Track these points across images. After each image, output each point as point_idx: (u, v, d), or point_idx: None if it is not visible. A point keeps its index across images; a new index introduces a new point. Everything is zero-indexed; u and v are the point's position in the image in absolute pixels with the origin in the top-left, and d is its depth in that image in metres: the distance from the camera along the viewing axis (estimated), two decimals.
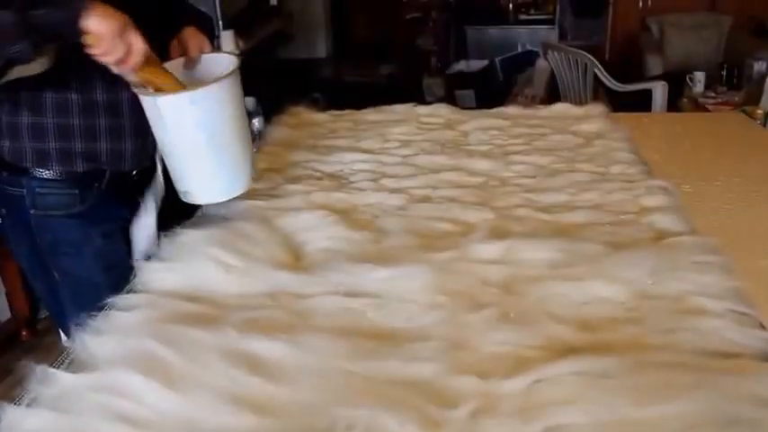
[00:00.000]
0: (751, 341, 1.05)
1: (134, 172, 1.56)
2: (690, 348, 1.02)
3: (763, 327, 1.09)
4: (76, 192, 1.49)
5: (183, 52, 1.51)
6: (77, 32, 1.20)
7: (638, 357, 0.99)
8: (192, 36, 1.51)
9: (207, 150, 1.41)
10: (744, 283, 1.22)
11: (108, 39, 1.22)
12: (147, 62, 1.30)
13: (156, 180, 1.59)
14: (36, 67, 1.31)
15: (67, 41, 1.24)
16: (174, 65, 1.48)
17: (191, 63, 1.52)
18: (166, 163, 1.48)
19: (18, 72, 1.31)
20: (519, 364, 0.99)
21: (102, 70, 1.31)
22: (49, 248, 1.53)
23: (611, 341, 1.06)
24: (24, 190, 1.47)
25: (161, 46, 1.46)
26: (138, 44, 1.26)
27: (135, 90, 1.38)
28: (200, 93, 1.35)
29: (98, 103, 1.45)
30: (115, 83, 1.40)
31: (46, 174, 1.46)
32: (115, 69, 1.29)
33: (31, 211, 1.49)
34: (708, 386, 0.91)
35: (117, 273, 1.49)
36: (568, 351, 1.03)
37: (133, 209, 1.57)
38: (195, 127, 1.37)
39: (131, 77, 1.33)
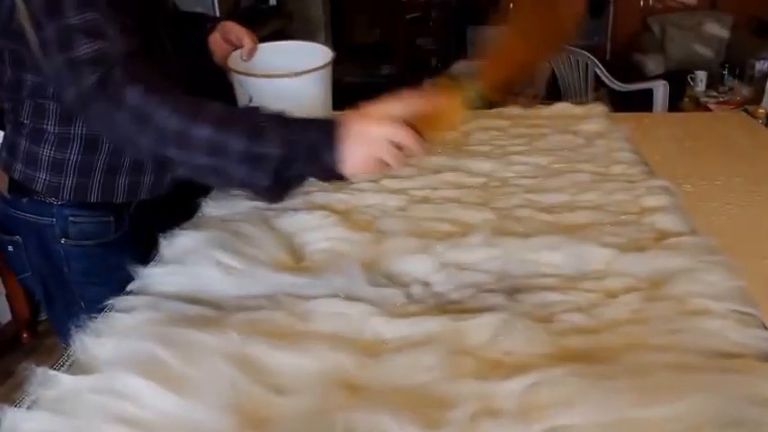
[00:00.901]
0: (754, 341, 1.04)
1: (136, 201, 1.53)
2: (692, 349, 1.02)
3: (765, 327, 1.09)
4: (112, 219, 1.46)
5: (232, 45, 1.51)
6: (339, 176, 1.12)
7: (640, 358, 0.99)
8: (237, 27, 1.51)
9: None
10: (746, 283, 1.21)
11: (371, 162, 1.10)
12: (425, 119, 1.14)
13: None
14: None
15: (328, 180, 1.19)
16: (235, 57, 1.49)
17: (250, 53, 1.51)
18: None
19: None
20: (519, 366, 0.99)
21: None
22: (79, 278, 1.48)
23: (612, 342, 1.05)
24: (54, 219, 1.43)
25: (194, 46, 1.45)
26: (404, 135, 1.10)
27: (232, 69, 1.41)
28: (327, 69, 1.48)
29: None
30: None
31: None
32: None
33: (62, 241, 1.44)
34: (711, 387, 0.90)
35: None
36: (569, 352, 1.03)
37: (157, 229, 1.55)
38: (322, 101, 1.52)
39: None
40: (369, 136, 1.08)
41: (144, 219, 1.51)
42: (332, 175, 1.11)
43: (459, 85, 1.14)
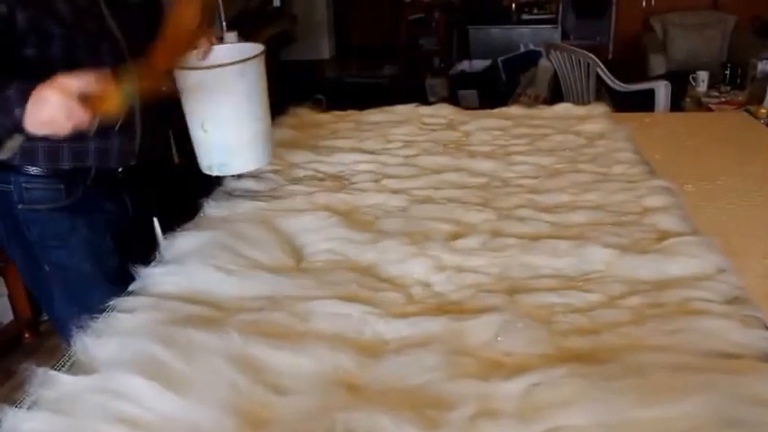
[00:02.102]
0: (754, 341, 1.04)
1: (119, 169, 1.59)
2: (693, 349, 1.02)
3: (766, 327, 1.09)
4: (62, 187, 1.52)
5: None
6: (27, 135, 1.28)
7: (641, 358, 0.99)
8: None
9: (251, 119, 1.56)
10: (747, 284, 1.21)
11: (56, 123, 1.25)
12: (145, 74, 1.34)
13: None
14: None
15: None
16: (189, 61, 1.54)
17: (204, 55, 1.57)
18: (200, 140, 1.57)
19: None
20: (519, 367, 0.99)
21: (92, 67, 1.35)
22: (38, 241, 1.55)
23: (612, 342, 1.05)
24: (12, 186, 1.51)
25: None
26: (78, 113, 1.24)
27: (181, 68, 1.47)
28: (248, 65, 1.50)
29: None
30: None
31: (33, 170, 1.50)
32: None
33: (19, 206, 1.52)
34: (711, 387, 0.90)
35: (106, 264, 1.59)
36: (569, 352, 1.03)
37: (120, 205, 1.62)
38: (245, 97, 1.53)
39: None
40: (48, 100, 1.23)
41: (100, 191, 1.57)
42: (19, 128, 1.26)
43: (122, 78, 1.29)
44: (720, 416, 0.86)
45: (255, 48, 1.58)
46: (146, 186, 1.68)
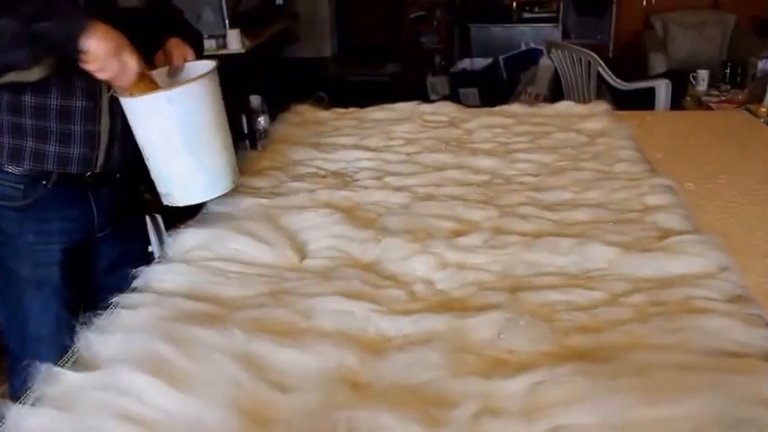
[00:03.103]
0: (757, 341, 1.04)
1: (87, 174, 1.56)
2: (696, 348, 1.01)
3: None
4: (21, 187, 1.51)
5: (168, 62, 1.54)
6: (77, 50, 1.27)
7: (643, 357, 0.99)
8: (175, 46, 1.54)
9: (186, 150, 1.43)
10: (749, 282, 1.21)
11: (103, 58, 1.29)
12: (140, 78, 1.36)
13: None
14: (34, 73, 1.37)
15: (66, 57, 1.30)
16: (158, 74, 1.50)
17: (175, 71, 1.54)
18: (148, 165, 1.49)
19: (15, 76, 1.36)
20: (522, 365, 0.99)
21: (58, 76, 1.39)
22: None
23: (615, 341, 1.05)
24: None
25: (147, 57, 1.48)
26: (132, 65, 1.33)
27: (115, 93, 1.43)
28: (177, 92, 1.38)
29: (50, 108, 1.46)
30: (70, 90, 1.46)
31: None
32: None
33: None
34: (714, 386, 0.90)
35: (44, 274, 1.56)
36: (572, 351, 1.03)
37: (85, 212, 1.59)
38: (175, 126, 1.40)
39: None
40: (114, 39, 1.30)
41: (63, 196, 1.55)
42: (75, 38, 1.27)
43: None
44: (724, 415, 0.85)
45: (206, 66, 1.49)
46: (123, 199, 1.67)
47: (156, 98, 1.37)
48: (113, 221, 1.66)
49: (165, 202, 1.50)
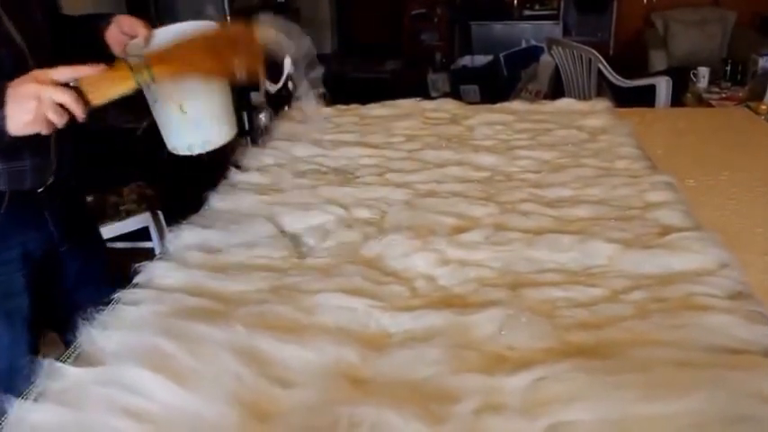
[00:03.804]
0: (758, 337, 1.04)
1: (40, 189, 1.47)
2: (696, 344, 1.02)
3: None
4: None
5: (129, 36, 1.46)
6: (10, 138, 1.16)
7: (644, 354, 0.99)
8: (131, 19, 1.46)
9: (219, 90, 1.44)
10: (750, 278, 1.21)
11: (36, 120, 1.14)
12: (89, 81, 1.20)
13: None
14: None
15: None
16: (133, 46, 1.44)
17: (147, 41, 1.45)
18: (176, 122, 1.43)
19: None
20: (523, 361, 0.99)
21: None
22: None
23: (616, 337, 1.05)
24: None
25: (89, 44, 1.45)
26: (53, 93, 1.14)
27: (125, 53, 1.37)
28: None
29: None
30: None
31: None
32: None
33: None
34: (715, 383, 0.90)
35: (10, 305, 1.46)
36: (573, 347, 1.03)
37: (43, 232, 1.51)
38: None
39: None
40: (29, 95, 1.12)
41: (18, 219, 1.44)
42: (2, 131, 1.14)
43: (130, 63, 1.22)
44: (724, 412, 0.86)
45: (200, 26, 1.44)
46: (77, 209, 1.62)
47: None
48: (71, 235, 1.58)
49: (199, 151, 1.46)
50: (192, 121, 1.43)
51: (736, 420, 0.85)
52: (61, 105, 1.13)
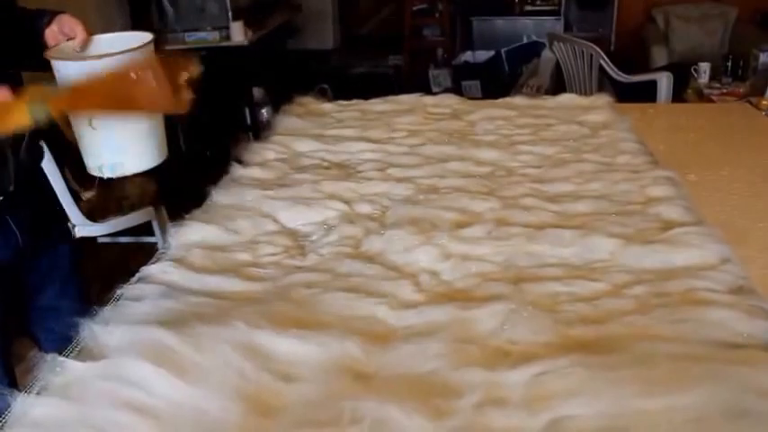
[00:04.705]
0: (759, 332, 1.04)
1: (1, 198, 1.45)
2: (697, 339, 1.02)
3: None
4: None
5: (67, 37, 1.41)
6: None
7: (645, 348, 0.99)
8: (71, 20, 1.42)
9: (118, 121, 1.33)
10: (751, 273, 1.22)
11: None
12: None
13: None
14: None
15: None
16: (65, 48, 1.38)
17: (83, 44, 1.40)
18: (87, 138, 1.36)
19: None
20: (525, 356, 0.99)
21: None
22: None
23: (617, 332, 1.06)
24: None
25: (30, 40, 1.41)
26: None
27: (48, 55, 1.31)
28: (136, 55, 1.27)
29: None
30: None
31: None
32: None
33: None
34: (716, 377, 0.91)
35: None
36: (574, 342, 1.03)
37: (5, 234, 1.49)
38: None
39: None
40: None
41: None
42: None
43: (32, 96, 1.19)
44: (725, 406, 0.86)
45: (142, 37, 1.38)
46: (42, 209, 1.59)
47: (119, 60, 1.25)
48: (38, 239, 1.57)
49: (109, 174, 1.39)
50: (103, 139, 1.35)
51: (737, 415, 0.85)
52: None
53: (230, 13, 4.66)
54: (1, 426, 0.92)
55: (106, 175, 1.39)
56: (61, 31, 1.41)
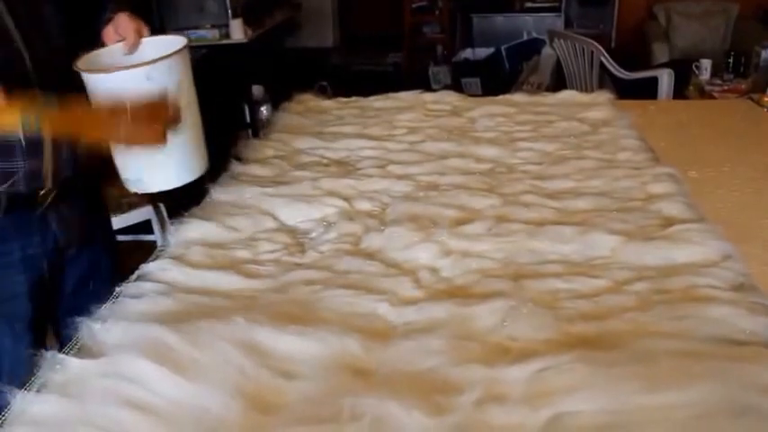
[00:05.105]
0: (760, 329, 1.04)
1: (41, 192, 1.41)
2: (699, 336, 1.01)
3: None
4: None
5: (121, 38, 1.41)
6: None
7: (646, 345, 0.99)
8: (127, 21, 1.41)
9: None
10: (752, 270, 1.21)
11: None
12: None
13: None
14: None
15: None
16: (114, 51, 1.39)
17: (131, 48, 1.41)
18: (116, 150, 1.37)
19: None
20: (525, 352, 0.99)
21: None
22: None
23: (618, 328, 1.05)
24: None
25: (93, 34, 1.42)
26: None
27: (78, 68, 1.30)
28: (155, 67, 1.27)
29: None
30: None
31: None
32: None
33: None
34: (717, 374, 0.90)
35: (11, 309, 1.43)
36: (575, 338, 1.03)
37: (44, 239, 1.45)
38: None
39: None
40: None
41: (17, 223, 1.41)
42: None
43: (26, 105, 1.19)
44: (727, 403, 0.86)
45: (177, 41, 1.36)
46: (87, 211, 1.54)
47: (136, 74, 1.25)
48: (80, 238, 1.53)
49: (133, 189, 1.40)
50: (128, 155, 1.35)
51: (738, 411, 0.85)
52: None
53: (230, 11, 4.67)
54: (0, 423, 0.92)
55: (132, 189, 1.41)
56: (116, 32, 1.41)
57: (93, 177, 1.54)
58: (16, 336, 1.44)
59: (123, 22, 1.41)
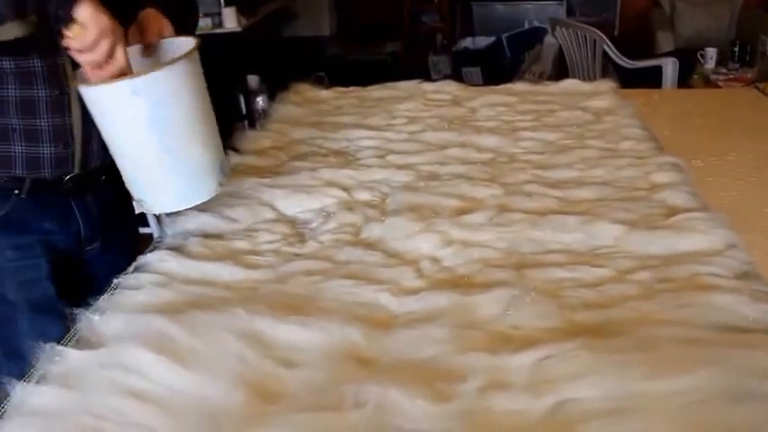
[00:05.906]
0: (763, 316, 1.03)
1: (65, 178, 1.40)
2: (702, 323, 1.01)
3: None
4: None
5: (141, 38, 1.32)
6: (68, 16, 1.08)
7: (650, 332, 0.98)
8: (150, 20, 1.33)
9: (158, 150, 1.21)
10: (756, 259, 1.21)
11: (93, 36, 1.09)
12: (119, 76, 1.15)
13: None
14: (8, 31, 1.16)
15: (52, 23, 1.11)
16: (131, 52, 1.23)
17: (149, 50, 1.31)
18: (118, 167, 1.30)
19: None
20: (528, 340, 0.99)
21: (15, 64, 1.25)
22: None
23: (621, 316, 1.05)
24: None
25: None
26: (120, 56, 1.14)
27: (75, 81, 1.24)
28: (141, 81, 1.14)
29: (8, 100, 1.31)
30: (29, 77, 1.30)
31: None
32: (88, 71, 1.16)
33: None
34: (720, 361, 0.90)
35: (35, 293, 1.41)
36: (578, 326, 1.02)
37: (65, 225, 1.44)
38: (143, 123, 1.17)
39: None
40: (110, 18, 1.11)
41: (39, 205, 1.40)
42: (70, 3, 1.09)
43: None
44: (730, 389, 0.85)
45: (187, 43, 1.25)
46: (111, 207, 1.51)
47: (116, 88, 1.14)
48: (102, 234, 1.52)
49: (140, 209, 1.35)
50: (122, 173, 1.30)
51: (741, 397, 0.84)
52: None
53: (222, 3, 4.63)
54: (0, 414, 0.91)
55: (137, 209, 1.39)
56: (139, 31, 1.34)
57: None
58: (40, 323, 1.40)
59: (145, 21, 1.34)
